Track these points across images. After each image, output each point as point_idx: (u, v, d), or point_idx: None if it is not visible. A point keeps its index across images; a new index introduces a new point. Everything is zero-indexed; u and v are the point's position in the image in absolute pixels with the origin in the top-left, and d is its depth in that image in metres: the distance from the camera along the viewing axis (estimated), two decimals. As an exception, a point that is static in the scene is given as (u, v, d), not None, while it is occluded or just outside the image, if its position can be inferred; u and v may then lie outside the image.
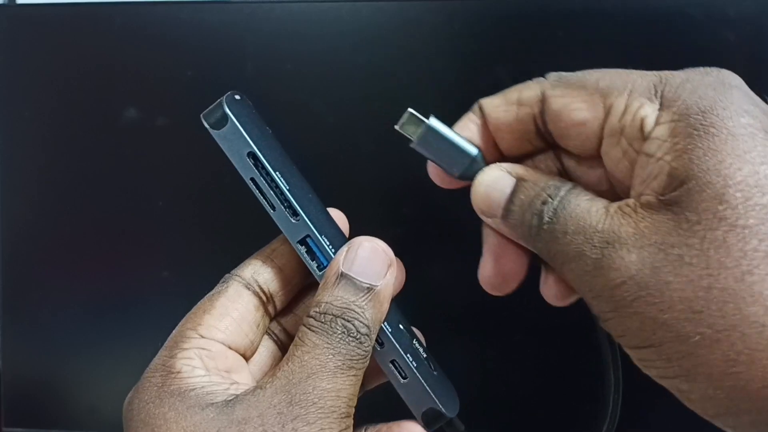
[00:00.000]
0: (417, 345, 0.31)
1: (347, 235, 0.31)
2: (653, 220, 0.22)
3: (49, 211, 0.45)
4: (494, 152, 0.29)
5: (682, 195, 0.22)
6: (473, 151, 0.28)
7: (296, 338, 0.27)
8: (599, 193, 0.28)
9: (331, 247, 0.28)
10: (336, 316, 0.26)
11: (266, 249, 0.31)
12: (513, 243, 0.28)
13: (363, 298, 0.27)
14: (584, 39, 0.40)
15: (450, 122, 0.29)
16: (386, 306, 0.28)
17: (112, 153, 0.44)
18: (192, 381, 0.26)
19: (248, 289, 0.29)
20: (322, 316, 0.26)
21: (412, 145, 0.28)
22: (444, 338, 0.44)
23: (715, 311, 0.21)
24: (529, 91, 0.27)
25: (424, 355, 0.31)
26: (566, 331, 0.38)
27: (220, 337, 0.28)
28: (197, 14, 0.43)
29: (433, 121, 0.28)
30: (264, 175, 0.28)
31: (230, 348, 0.28)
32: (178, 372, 0.26)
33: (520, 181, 0.26)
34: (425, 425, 0.29)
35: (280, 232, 0.29)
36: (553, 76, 0.27)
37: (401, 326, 0.30)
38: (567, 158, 0.28)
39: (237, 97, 0.30)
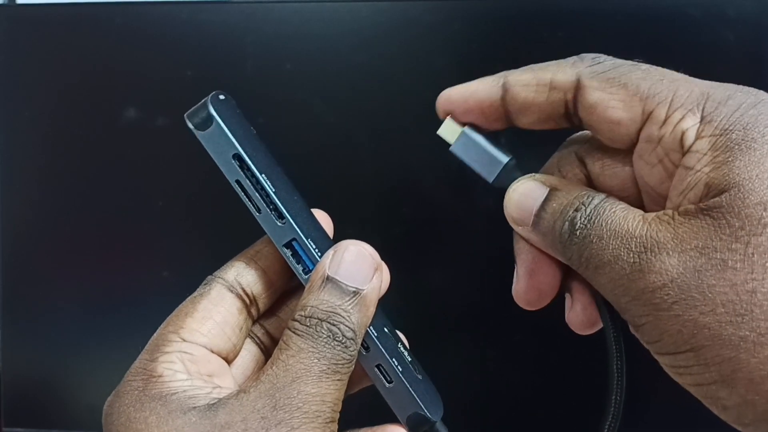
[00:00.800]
0: (402, 349, 0.31)
1: (332, 236, 0.31)
2: (692, 226, 0.22)
3: (49, 211, 0.45)
4: (502, 124, 0.29)
5: (722, 202, 0.22)
6: (504, 158, 0.29)
7: (281, 342, 0.26)
8: (622, 199, 0.27)
9: (317, 250, 0.28)
10: (321, 320, 0.26)
11: (250, 250, 0.30)
12: (546, 258, 0.28)
13: (349, 302, 0.27)
14: (584, 39, 0.40)
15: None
16: (372, 310, 0.28)
17: (112, 153, 0.44)
18: (174, 385, 0.26)
19: (231, 291, 0.29)
20: (308, 319, 0.26)
21: (450, 149, 0.29)
22: (444, 338, 0.44)
23: (759, 315, 0.21)
24: (563, 74, 0.26)
25: (409, 359, 0.31)
26: (566, 331, 0.37)
27: (203, 341, 0.27)
28: (197, 14, 0.43)
29: (469, 130, 0.29)
30: (249, 177, 0.28)
31: (212, 352, 0.28)
32: (160, 376, 0.26)
33: (553, 190, 0.26)
34: (410, 429, 0.29)
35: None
36: (589, 60, 0.26)
37: (386, 330, 0.30)
38: (592, 162, 0.28)
39: (222, 97, 0.29)
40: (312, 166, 0.43)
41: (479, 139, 0.29)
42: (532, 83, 0.27)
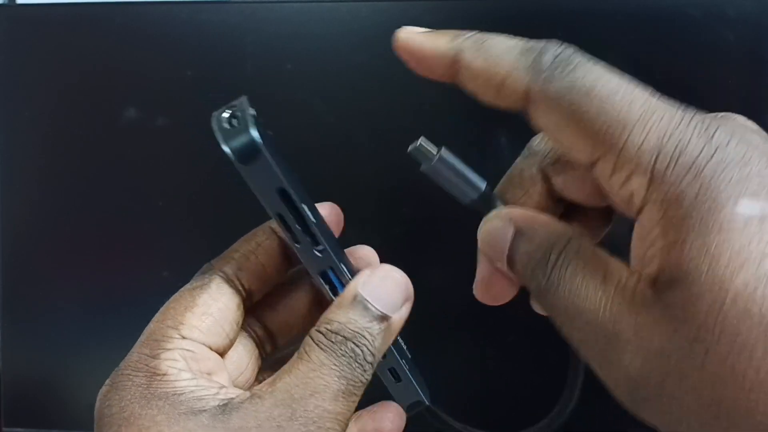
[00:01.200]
0: (402, 343, 0.31)
1: (341, 226, 0.31)
2: (651, 320, 0.21)
3: (49, 211, 0.45)
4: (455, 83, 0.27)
5: (676, 298, 0.20)
6: (481, 185, 0.27)
7: (302, 351, 0.26)
8: (590, 205, 0.27)
9: (348, 275, 0.28)
10: (347, 339, 0.26)
11: (251, 242, 0.30)
12: (503, 274, 0.27)
13: (377, 327, 0.26)
14: (584, 39, 0.40)
15: (452, 123, 0.29)
16: (394, 337, 0.28)
17: (112, 153, 0.44)
18: (180, 384, 0.25)
19: (231, 286, 0.28)
20: (333, 335, 0.26)
21: (421, 169, 0.28)
22: (443, 337, 0.44)
23: (726, 423, 0.20)
24: (514, 80, 0.23)
25: (404, 346, 0.31)
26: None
27: (202, 338, 0.27)
28: (197, 14, 0.43)
29: (444, 153, 0.27)
30: (291, 210, 0.26)
31: (210, 349, 0.27)
32: (164, 374, 0.25)
33: (518, 233, 0.25)
34: (408, 413, 0.30)
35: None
36: (548, 64, 0.23)
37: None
38: (555, 177, 0.27)
39: (253, 113, 0.26)
40: (312, 166, 0.43)
41: (455, 162, 0.27)
42: (483, 75, 0.24)
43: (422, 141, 0.27)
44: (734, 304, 0.19)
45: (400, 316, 0.28)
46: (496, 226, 0.26)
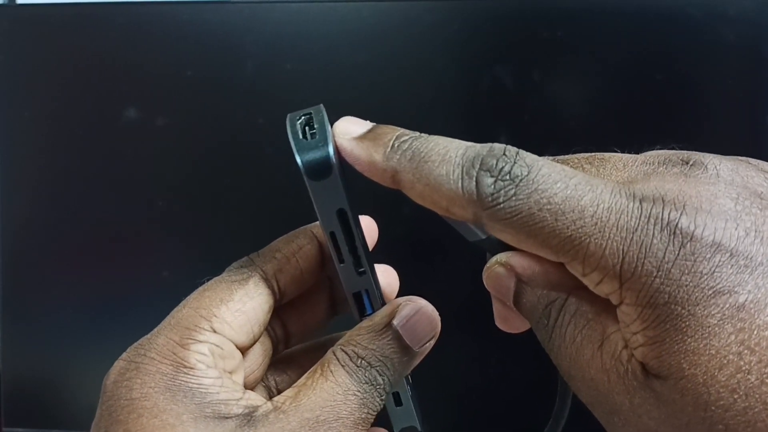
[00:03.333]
0: None
1: (376, 240, 0.31)
2: (644, 401, 0.21)
3: (49, 210, 0.45)
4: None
5: (665, 390, 0.20)
6: (482, 233, 0.26)
7: (325, 368, 0.26)
8: None
9: (380, 298, 0.28)
10: (372, 366, 0.26)
11: (292, 243, 0.29)
12: (515, 313, 0.27)
13: (402, 359, 0.27)
14: (584, 39, 0.40)
15: (452, 123, 0.29)
16: (411, 370, 0.28)
17: (113, 153, 0.44)
18: (206, 382, 0.25)
19: (268, 286, 0.28)
20: (360, 360, 0.26)
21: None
22: (444, 338, 0.44)
23: None
24: (460, 210, 0.23)
25: (410, 377, 0.31)
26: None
27: (231, 335, 0.27)
28: (197, 14, 0.43)
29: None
30: (345, 231, 0.26)
31: (237, 347, 0.27)
32: (192, 368, 0.25)
33: (519, 283, 0.25)
34: None
35: (294, 226, 0.29)
36: (488, 195, 0.22)
37: None
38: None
39: (331, 128, 0.26)
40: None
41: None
42: (425, 200, 0.24)
43: None
44: (719, 399, 0.20)
45: (423, 350, 0.28)
46: (498, 274, 0.26)
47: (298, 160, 0.24)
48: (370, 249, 0.30)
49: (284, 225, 0.32)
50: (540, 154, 0.30)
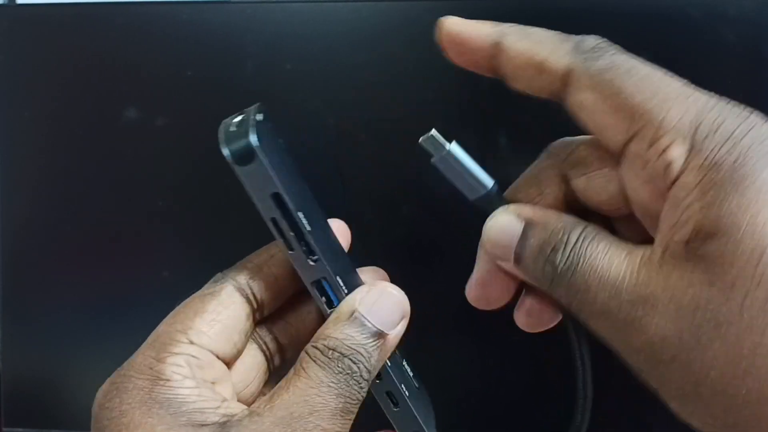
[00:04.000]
0: (406, 365, 0.31)
1: (348, 245, 0.31)
2: (683, 274, 0.21)
3: (49, 210, 0.45)
4: (493, 75, 0.27)
5: (713, 250, 0.21)
6: (489, 182, 0.27)
7: (298, 367, 0.26)
8: (611, 213, 0.27)
9: (344, 287, 0.28)
10: (344, 355, 0.26)
11: (263, 253, 0.30)
12: (501, 274, 0.28)
13: (372, 344, 0.26)
14: (584, 39, 0.40)
15: (452, 123, 0.29)
16: (389, 354, 0.28)
17: (112, 153, 0.44)
18: (182, 392, 0.25)
19: (242, 294, 0.28)
20: (330, 351, 0.26)
21: (432, 161, 0.28)
22: (444, 338, 0.44)
23: (763, 370, 0.20)
24: (556, 60, 0.24)
25: (411, 374, 0.31)
26: (565, 331, 0.37)
27: (209, 344, 0.27)
28: (197, 14, 0.43)
29: (454, 147, 0.27)
30: (286, 216, 0.26)
31: (217, 357, 0.27)
32: (168, 380, 0.25)
33: (528, 225, 0.25)
34: None
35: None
36: (588, 48, 0.24)
37: (397, 351, 0.30)
38: (576, 177, 0.27)
39: (260, 117, 0.26)
40: (312, 166, 0.43)
41: (464, 158, 0.27)
42: (525, 55, 0.25)
43: (434, 133, 0.27)
44: None
45: (396, 333, 0.28)
46: (504, 220, 0.26)
47: (224, 150, 0.25)
48: (347, 251, 0.30)
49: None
50: (540, 155, 0.30)
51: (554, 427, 0.43)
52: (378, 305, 0.27)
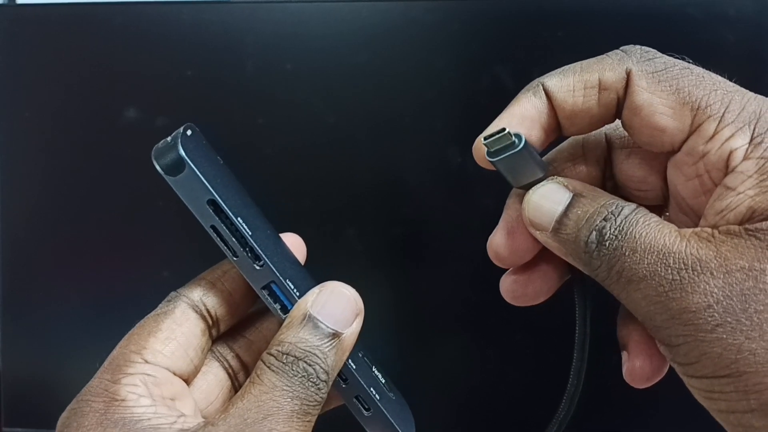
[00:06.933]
0: (376, 372, 0.30)
1: (304, 259, 0.31)
2: (737, 246, 0.21)
3: (49, 210, 0.45)
4: (552, 136, 0.27)
5: None
6: (540, 173, 0.26)
7: (254, 375, 0.26)
8: (639, 195, 0.27)
9: (295, 291, 0.27)
10: (298, 359, 0.26)
11: (217, 270, 0.30)
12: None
13: (327, 344, 0.26)
14: (584, 39, 0.40)
15: (452, 123, 0.29)
16: (347, 354, 0.27)
17: (112, 153, 0.44)
18: (138, 411, 0.25)
19: (195, 311, 0.28)
20: (284, 356, 0.26)
21: (488, 158, 0.26)
22: (444, 338, 0.44)
23: None
24: (612, 72, 0.24)
25: (383, 381, 0.30)
26: (566, 331, 0.37)
27: (165, 362, 0.27)
28: (197, 14, 0.43)
29: (520, 141, 0.25)
30: (225, 221, 0.26)
31: (174, 374, 0.27)
32: (123, 400, 0.25)
33: (577, 196, 0.25)
34: None
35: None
36: (637, 55, 0.25)
37: (362, 356, 0.30)
38: (620, 148, 0.27)
39: (189, 132, 0.27)
40: (312, 166, 0.43)
41: (526, 151, 0.26)
42: (578, 87, 0.25)
43: (508, 129, 0.26)
44: None
45: (351, 331, 0.27)
46: (552, 189, 0.26)
47: (155, 163, 0.26)
48: (302, 263, 0.30)
49: (284, 225, 0.32)
50: (540, 154, 0.30)
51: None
52: (330, 305, 0.27)
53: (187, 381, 0.28)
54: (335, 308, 0.27)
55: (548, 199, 0.26)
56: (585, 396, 0.29)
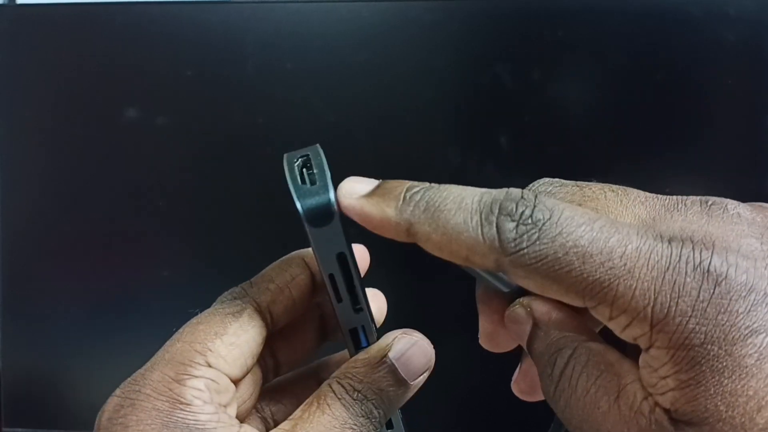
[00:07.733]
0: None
1: (367, 266, 0.31)
2: None
3: (49, 210, 0.45)
4: None
5: None
6: (505, 289, 0.26)
7: (321, 400, 0.26)
8: None
9: (375, 334, 0.28)
10: (367, 399, 0.26)
11: (285, 273, 0.29)
12: (504, 331, 0.27)
13: (397, 392, 0.27)
14: (584, 39, 0.40)
15: (452, 124, 0.29)
16: (405, 401, 0.28)
17: (113, 153, 0.44)
18: (202, 418, 0.25)
19: (262, 318, 0.28)
20: (356, 393, 0.26)
21: (490, 286, 0.26)
22: (444, 338, 0.44)
23: None
24: (481, 258, 0.22)
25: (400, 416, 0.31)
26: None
27: (226, 369, 0.26)
28: (197, 14, 0.43)
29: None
30: (344, 273, 0.26)
31: (231, 381, 0.27)
32: (188, 404, 0.25)
33: (534, 327, 0.24)
34: None
35: (296, 242, 0.28)
36: (510, 241, 0.21)
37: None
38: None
39: (329, 171, 0.25)
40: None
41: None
42: (444, 250, 0.23)
43: (504, 276, 0.25)
44: None
45: (417, 383, 0.27)
46: (517, 315, 0.25)
47: (299, 206, 0.24)
48: (362, 275, 0.30)
49: (284, 225, 0.32)
50: (540, 154, 0.30)
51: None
52: (408, 354, 0.27)
53: (236, 385, 0.28)
54: (412, 359, 0.27)
55: (518, 323, 0.25)
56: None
